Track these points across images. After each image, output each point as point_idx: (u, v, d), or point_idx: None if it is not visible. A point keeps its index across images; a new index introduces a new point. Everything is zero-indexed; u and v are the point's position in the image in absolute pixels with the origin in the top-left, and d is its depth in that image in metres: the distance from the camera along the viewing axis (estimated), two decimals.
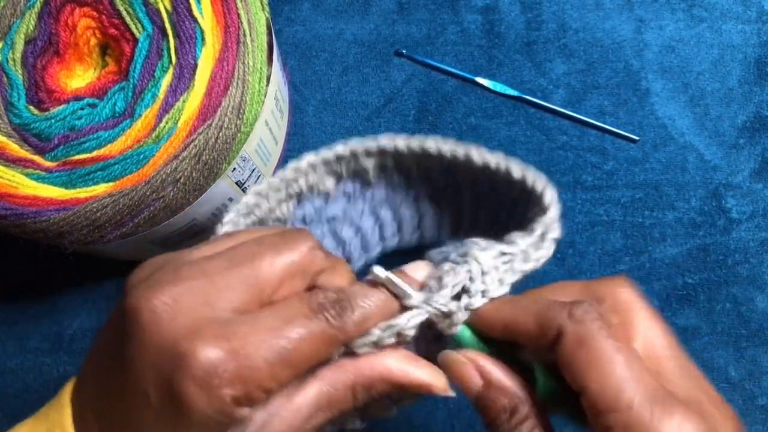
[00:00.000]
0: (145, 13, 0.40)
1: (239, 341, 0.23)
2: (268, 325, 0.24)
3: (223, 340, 0.23)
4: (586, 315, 0.25)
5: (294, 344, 0.24)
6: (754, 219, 0.47)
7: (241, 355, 0.23)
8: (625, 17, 0.51)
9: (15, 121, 0.40)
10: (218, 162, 0.39)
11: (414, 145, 0.34)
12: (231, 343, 0.23)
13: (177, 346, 0.23)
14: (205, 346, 0.23)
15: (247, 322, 0.24)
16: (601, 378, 0.24)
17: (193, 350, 0.23)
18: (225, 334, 0.23)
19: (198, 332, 0.23)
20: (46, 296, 0.47)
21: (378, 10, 0.52)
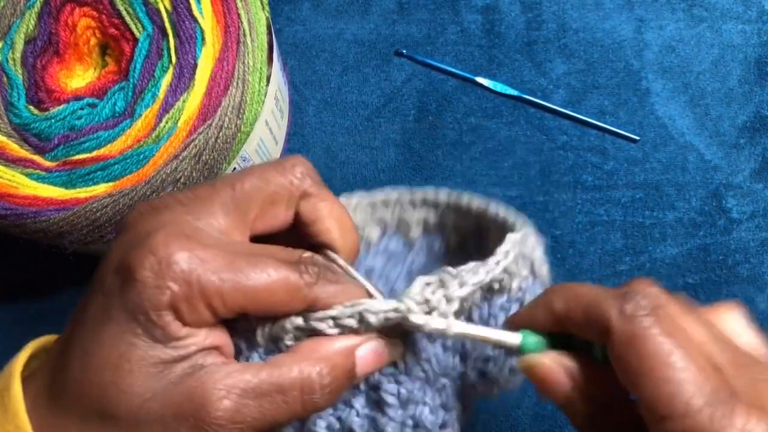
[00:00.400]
0: (145, 12, 0.40)
1: (203, 251, 0.23)
2: (238, 251, 0.24)
3: (190, 245, 0.23)
4: (638, 310, 0.23)
5: (256, 277, 0.23)
6: (755, 219, 0.47)
7: (199, 260, 0.23)
8: (625, 17, 0.51)
9: (15, 121, 0.40)
10: (218, 162, 0.39)
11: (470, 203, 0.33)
12: (195, 250, 0.23)
13: (146, 236, 0.23)
14: (170, 241, 0.23)
15: (220, 243, 0.24)
16: (653, 383, 0.22)
17: (157, 240, 0.23)
18: (193, 243, 0.23)
19: (168, 226, 0.23)
20: (46, 296, 0.47)
21: (378, 10, 0.52)
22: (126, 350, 0.23)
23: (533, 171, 0.48)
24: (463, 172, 0.48)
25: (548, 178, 0.48)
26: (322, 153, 0.49)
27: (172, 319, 0.23)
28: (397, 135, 0.49)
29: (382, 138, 0.49)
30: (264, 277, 0.24)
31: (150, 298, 0.22)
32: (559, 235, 0.47)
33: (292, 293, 0.24)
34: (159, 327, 0.23)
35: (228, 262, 0.23)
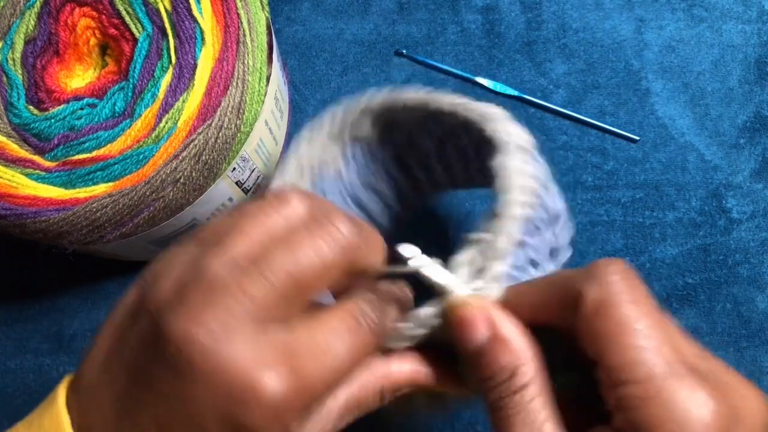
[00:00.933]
0: (144, 13, 0.40)
1: (299, 363, 0.22)
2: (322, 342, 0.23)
3: (285, 364, 0.22)
4: (608, 275, 0.23)
5: (346, 361, 0.23)
6: (755, 219, 0.47)
7: (305, 383, 0.22)
8: (625, 17, 0.51)
9: (15, 121, 0.40)
10: (218, 162, 0.39)
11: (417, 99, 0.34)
12: (293, 367, 0.22)
13: (242, 379, 0.21)
14: (269, 376, 0.21)
15: (301, 338, 0.23)
16: (619, 348, 0.22)
17: (258, 383, 0.21)
18: (284, 356, 0.22)
19: (257, 360, 0.21)
20: (46, 296, 0.47)
21: (378, 10, 0.52)
22: None
23: None
24: None
25: None
26: None
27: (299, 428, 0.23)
28: None
29: None
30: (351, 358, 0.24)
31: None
32: None
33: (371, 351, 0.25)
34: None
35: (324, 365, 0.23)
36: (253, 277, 0.23)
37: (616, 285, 0.23)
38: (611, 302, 0.23)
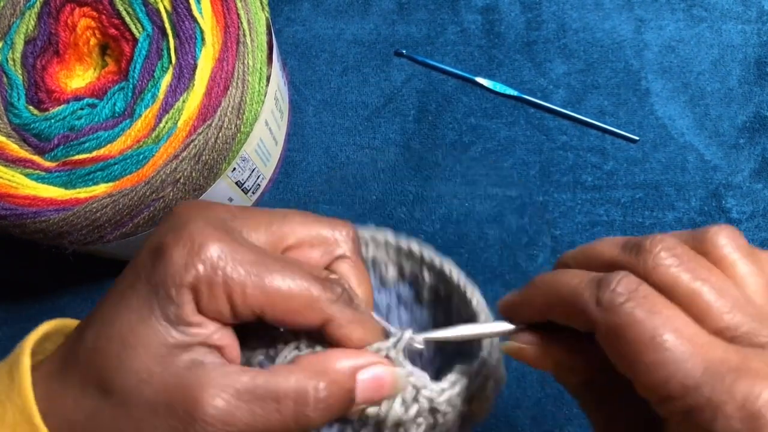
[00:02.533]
0: (145, 13, 0.40)
1: (237, 246, 0.23)
2: (269, 256, 0.24)
3: (226, 237, 0.23)
4: (614, 299, 0.22)
5: (280, 279, 0.24)
6: (754, 219, 0.47)
7: (231, 252, 0.23)
8: (625, 17, 0.51)
9: (15, 121, 0.40)
10: (218, 162, 0.39)
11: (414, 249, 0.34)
12: (229, 244, 0.23)
13: (187, 222, 0.24)
14: (208, 230, 0.23)
15: (252, 244, 0.24)
16: (644, 368, 0.21)
17: (197, 226, 0.23)
18: (229, 235, 0.24)
19: (210, 224, 0.24)
20: (46, 296, 0.47)
21: (378, 10, 0.52)
22: (137, 325, 0.23)
23: (533, 171, 0.48)
24: (463, 172, 0.48)
25: (548, 178, 0.48)
26: (321, 153, 0.49)
27: (190, 300, 0.23)
28: (397, 135, 0.49)
29: (382, 138, 0.49)
30: (287, 282, 0.24)
31: (174, 273, 0.23)
32: (559, 235, 0.47)
33: (310, 304, 0.24)
34: (175, 304, 0.23)
35: (257, 260, 0.24)
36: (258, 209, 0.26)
37: (623, 307, 0.22)
38: (625, 324, 0.21)
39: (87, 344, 0.24)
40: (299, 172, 0.48)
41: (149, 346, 0.23)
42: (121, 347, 0.23)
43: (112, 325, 0.24)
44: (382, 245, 0.34)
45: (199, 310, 0.23)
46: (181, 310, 0.23)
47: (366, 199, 0.48)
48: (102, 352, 0.23)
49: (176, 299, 0.23)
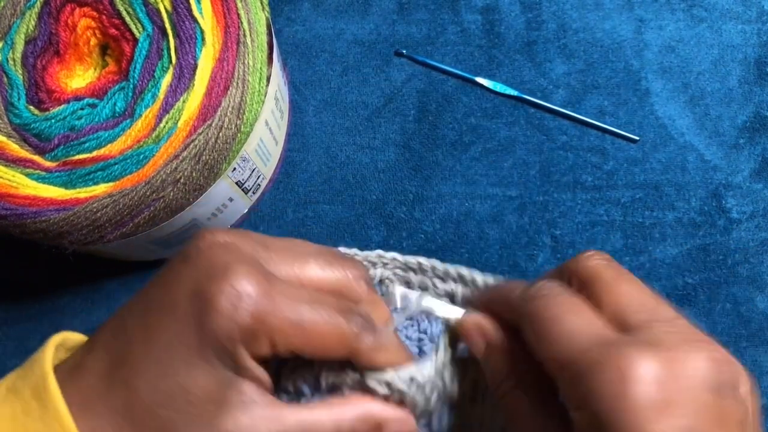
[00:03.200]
0: (145, 13, 0.40)
1: (274, 288, 0.25)
2: (303, 297, 0.26)
3: (264, 281, 0.25)
4: (537, 291, 0.27)
5: (315, 319, 0.25)
6: (754, 219, 0.47)
7: (270, 298, 0.25)
8: (625, 17, 0.51)
9: (15, 121, 0.40)
10: (218, 162, 0.39)
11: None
12: (267, 288, 0.25)
13: (222, 265, 0.25)
14: (247, 276, 0.24)
15: (285, 284, 0.26)
16: (550, 340, 0.25)
17: (235, 274, 0.24)
18: (267, 278, 0.25)
19: (245, 265, 0.25)
20: (46, 296, 0.47)
21: (378, 10, 0.52)
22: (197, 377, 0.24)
23: (533, 171, 0.48)
24: (463, 172, 0.48)
25: (548, 178, 0.48)
26: (322, 153, 0.49)
27: (243, 350, 0.24)
28: (397, 135, 0.49)
29: (382, 138, 0.49)
30: (321, 321, 0.26)
31: (227, 329, 0.24)
32: (559, 235, 0.47)
33: (341, 340, 0.26)
34: (230, 356, 0.24)
35: (293, 302, 0.25)
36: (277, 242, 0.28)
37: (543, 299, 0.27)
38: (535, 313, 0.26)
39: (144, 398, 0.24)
40: (299, 172, 0.48)
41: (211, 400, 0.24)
42: (186, 401, 0.24)
43: (171, 380, 0.24)
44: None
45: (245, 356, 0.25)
46: (238, 360, 0.25)
47: (366, 199, 0.48)
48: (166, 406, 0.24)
49: (232, 351, 0.24)
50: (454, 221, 0.47)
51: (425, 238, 0.47)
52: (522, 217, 0.47)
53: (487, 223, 0.47)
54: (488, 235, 0.47)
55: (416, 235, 0.47)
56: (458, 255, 0.46)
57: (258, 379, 0.25)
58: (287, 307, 0.25)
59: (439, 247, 0.47)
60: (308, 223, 0.47)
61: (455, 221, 0.47)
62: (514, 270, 0.46)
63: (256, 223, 0.48)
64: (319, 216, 0.48)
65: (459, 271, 0.35)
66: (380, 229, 0.47)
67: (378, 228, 0.47)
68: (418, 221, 0.47)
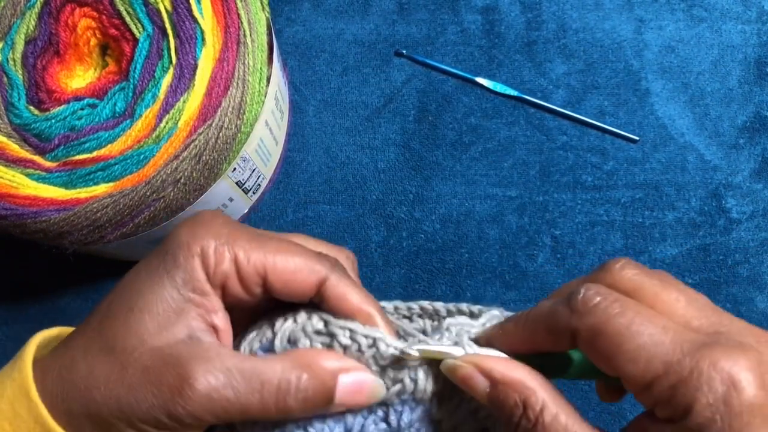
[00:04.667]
0: (145, 13, 0.40)
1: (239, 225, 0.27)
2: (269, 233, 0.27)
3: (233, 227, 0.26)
4: (588, 303, 0.24)
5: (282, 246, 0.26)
6: (754, 219, 0.47)
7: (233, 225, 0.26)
8: (625, 17, 0.51)
9: (15, 122, 0.40)
10: (218, 162, 0.39)
11: None
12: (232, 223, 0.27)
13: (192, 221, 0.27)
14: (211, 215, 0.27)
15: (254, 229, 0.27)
16: (627, 357, 0.23)
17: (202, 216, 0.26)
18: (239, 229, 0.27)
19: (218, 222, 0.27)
20: (46, 296, 0.47)
21: (378, 10, 0.52)
22: (146, 291, 0.25)
23: (533, 171, 0.48)
24: (463, 172, 0.48)
25: (548, 178, 0.48)
26: (322, 153, 0.49)
27: (198, 266, 0.25)
28: (397, 135, 0.49)
29: (382, 138, 0.49)
30: (287, 247, 0.26)
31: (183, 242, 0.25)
32: (559, 235, 0.47)
33: (310, 266, 0.26)
34: (183, 269, 0.25)
35: (258, 234, 0.26)
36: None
37: (600, 310, 0.24)
38: (601, 323, 0.23)
39: (99, 311, 0.26)
40: (299, 172, 0.48)
41: (154, 312, 0.25)
42: (129, 311, 0.25)
43: (122, 294, 0.26)
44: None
45: (208, 280, 0.25)
46: (190, 275, 0.25)
47: (366, 199, 0.48)
48: (111, 316, 0.25)
49: (185, 264, 0.25)
50: (454, 221, 0.47)
51: (425, 238, 0.47)
52: (522, 217, 0.47)
53: (487, 223, 0.47)
54: (488, 235, 0.47)
55: (416, 235, 0.47)
56: (458, 255, 0.46)
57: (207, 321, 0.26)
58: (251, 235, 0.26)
59: (439, 247, 0.47)
60: (308, 223, 0.47)
61: (455, 221, 0.47)
62: (514, 270, 0.46)
63: (257, 223, 0.48)
64: (319, 216, 0.48)
65: (421, 305, 0.32)
66: (380, 229, 0.47)
67: (378, 228, 0.47)
68: (418, 221, 0.47)
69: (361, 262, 0.46)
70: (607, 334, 0.23)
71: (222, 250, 0.25)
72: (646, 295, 0.25)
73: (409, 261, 0.46)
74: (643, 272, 0.26)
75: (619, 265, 0.26)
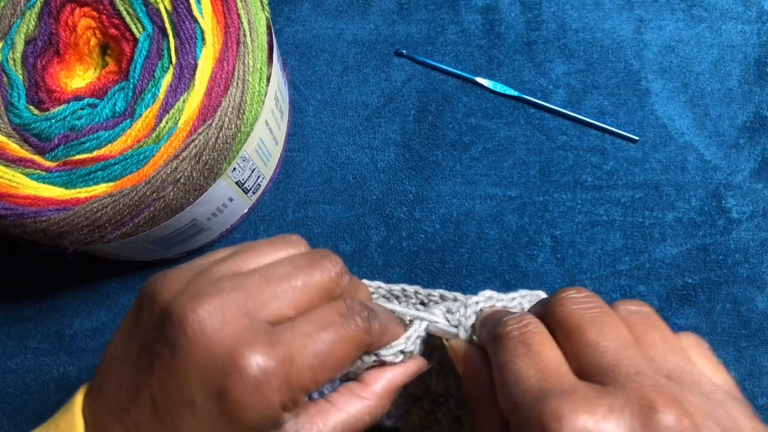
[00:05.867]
0: (145, 13, 0.40)
1: (284, 348, 0.25)
2: (307, 332, 0.26)
3: (270, 347, 0.24)
4: (501, 331, 0.27)
5: (331, 348, 0.26)
6: (754, 219, 0.47)
7: (288, 362, 0.24)
8: (625, 17, 0.51)
9: (15, 121, 0.40)
10: (218, 162, 0.39)
11: None
12: (277, 351, 0.24)
13: (227, 354, 0.24)
14: (254, 354, 0.24)
15: (288, 330, 0.26)
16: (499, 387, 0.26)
17: (244, 358, 0.24)
18: (271, 341, 0.24)
19: (246, 341, 0.24)
20: (46, 296, 0.47)
21: (378, 10, 0.52)
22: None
23: (533, 171, 0.48)
24: (463, 172, 0.48)
25: (548, 178, 0.48)
26: (322, 153, 0.49)
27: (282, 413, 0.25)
28: (397, 135, 0.49)
29: (382, 138, 0.49)
30: (339, 348, 0.26)
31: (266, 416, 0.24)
32: (559, 235, 0.47)
33: (358, 346, 0.28)
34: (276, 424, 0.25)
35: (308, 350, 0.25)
36: (252, 277, 0.26)
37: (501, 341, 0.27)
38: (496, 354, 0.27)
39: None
40: (299, 172, 0.48)
41: None
42: None
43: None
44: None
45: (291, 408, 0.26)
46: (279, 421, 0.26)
47: (366, 199, 0.48)
48: None
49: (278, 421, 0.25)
50: (454, 221, 0.47)
51: (425, 238, 0.47)
52: (522, 217, 0.47)
53: (487, 223, 0.47)
54: (488, 235, 0.47)
55: (416, 235, 0.47)
56: (458, 255, 0.46)
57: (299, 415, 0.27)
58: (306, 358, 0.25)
59: (439, 247, 0.47)
60: (308, 223, 0.47)
61: (455, 221, 0.47)
62: (514, 270, 0.46)
63: (256, 223, 0.48)
64: (319, 216, 0.48)
65: (441, 293, 0.37)
66: (380, 229, 0.47)
67: (378, 228, 0.47)
68: (418, 221, 0.47)
69: (361, 262, 0.46)
70: (497, 362, 0.27)
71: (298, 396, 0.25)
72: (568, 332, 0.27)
73: (409, 261, 0.46)
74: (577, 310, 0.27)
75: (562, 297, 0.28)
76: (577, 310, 0.27)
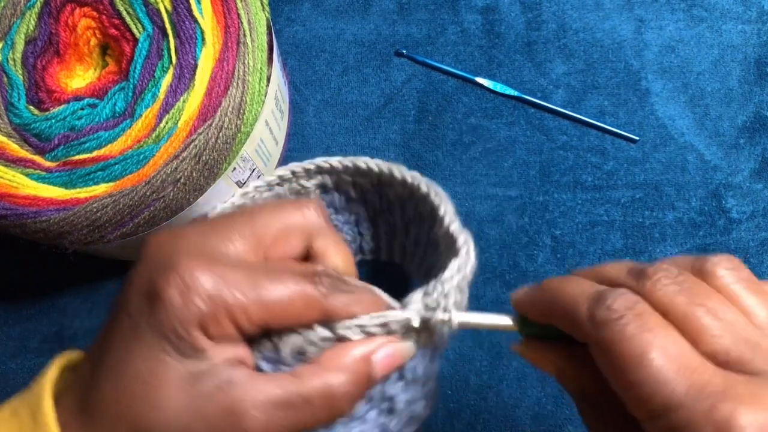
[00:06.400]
0: (145, 13, 0.40)
1: (226, 271, 0.25)
2: (257, 268, 0.26)
3: (212, 265, 0.25)
4: (609, 314, 0.22)
5: (276, 290, 0.25)
6: (754, 219, 0.47)
7: (223, 280, 0.24)
8: (625, 17, 0.51)
9: (15, 121, 0.40)
10: (218, 162, 0.39)
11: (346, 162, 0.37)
12: (217, 270, 0.25)
13: (169, 256, 0.25)
14: (193, 264, 0.24)
15: (238, 265, 0.25)
16: (631, 385, 0.21)
17: (180, 262, 0.24)
18: (215, 263, 0.25)
19: (190, 254, 0.25)
20: (46, 296, 0.47)
21: (378, 10, 0.52)
22: (156, 366, 0.24)
23: (533, 171, 0.48)
24: (463, 172, 0.48)
25: (548, 178, 0.48)
26: (322, 153, 0.49)
27: (199, 334, 0.24)
28: (397, 135, 0.49)
29: (382, 138, 0.49)
30: (283, 290, 0.25)
31: (178, 316, 0.24)
32: (559, 235, 0.47)
33: (309, 304, 0.26)
34: (187, 342, 0.24)
35: (249, 278, 0.25)
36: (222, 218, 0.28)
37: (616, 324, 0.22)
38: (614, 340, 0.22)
39: (106, 395, 0.24)
40: None
41: (175, 381, 0.24)
42: (147, 390, 0.24)
43: (129, 374, 0.24)
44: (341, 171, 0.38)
45: (210, 339, 0.24)
46: (195, 344, 0.24)
47: None
48: (127, 400, 0.24)
49: (187, 337, 0.24)
50: None
51: None
52: (522, 217, 0.47)
53: (487, 223, 0.47)
54: (488, 235, 0.47)
55: None
56: None
57: (229, 360, 0.25)
58: (242, 284, 0.25)
59: None
60: None
61: None
62: (514, 270, 0.46)
63: None
64: None
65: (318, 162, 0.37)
66: None
67: None
68: None
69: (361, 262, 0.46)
70: (617, 356, 0.22)
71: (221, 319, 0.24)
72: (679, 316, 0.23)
73: None
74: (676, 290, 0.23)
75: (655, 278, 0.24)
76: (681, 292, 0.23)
